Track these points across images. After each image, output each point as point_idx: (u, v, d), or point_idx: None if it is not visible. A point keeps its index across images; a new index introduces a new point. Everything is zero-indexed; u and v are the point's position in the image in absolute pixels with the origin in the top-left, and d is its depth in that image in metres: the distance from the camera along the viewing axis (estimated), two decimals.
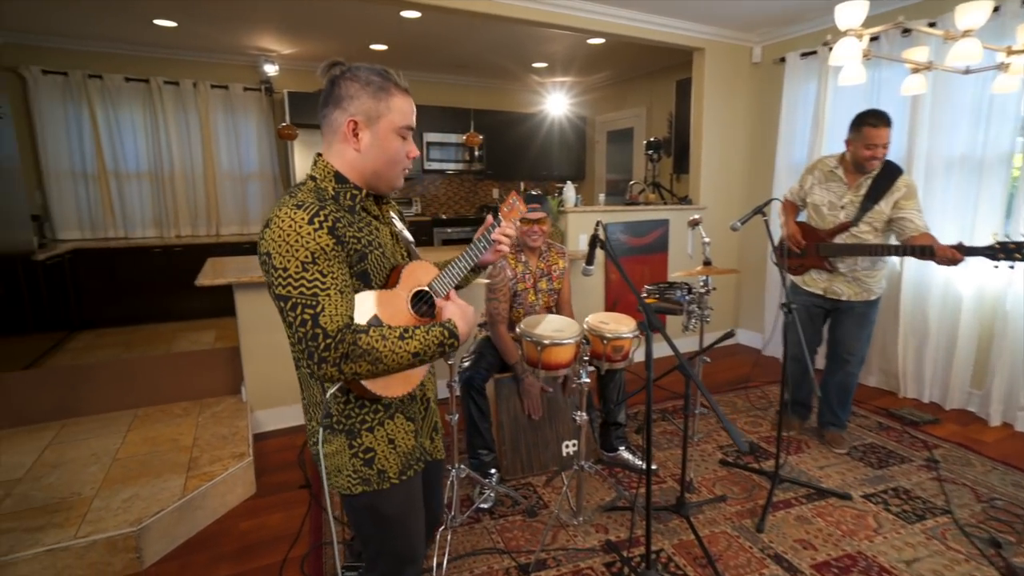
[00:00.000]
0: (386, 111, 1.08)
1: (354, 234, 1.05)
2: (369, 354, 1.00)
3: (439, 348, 1.08)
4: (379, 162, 1.10)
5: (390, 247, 1.17)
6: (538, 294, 2.63)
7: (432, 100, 6.05)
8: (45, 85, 4.65)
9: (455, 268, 1.23)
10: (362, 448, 1.13)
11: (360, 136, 1.08)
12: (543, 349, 1.97)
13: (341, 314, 1.00)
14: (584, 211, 3.94)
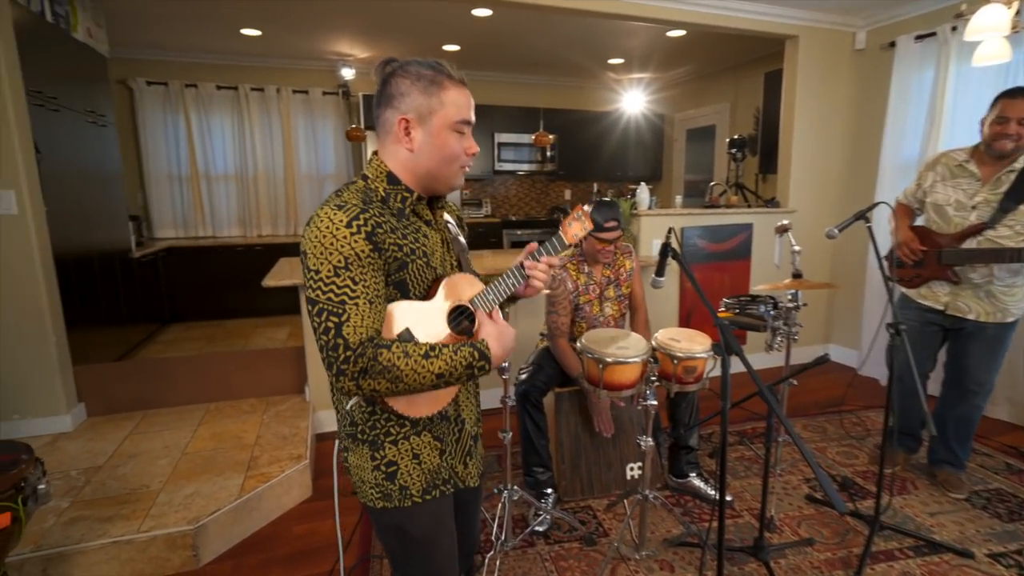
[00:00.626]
0: (439, 106, 1.00)
1: (396, 241, 0.98)
2: (389, 371, 0.92)
3: (467, 370, 0.98)
4: (434, 161, 1.02)
5: (438, 255, 1.09)
6: (605, 304, 2.45)
7: (503, 100, 5.97)
8: (149, 95, 5.01)
9: (501, 286, 1.11)
10: (384, 461, 1.06)
11: (412, 135, 1.01)
12: (605, 367, 1.80)
13: (366, 326, 0.93)
14: (659, 214, 3.69)
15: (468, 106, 1.03)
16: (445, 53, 5.09)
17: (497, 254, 3.83)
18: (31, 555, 1.86)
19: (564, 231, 1.15)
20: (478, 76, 5.94)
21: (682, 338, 1.95)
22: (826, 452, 2.82)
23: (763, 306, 2.10)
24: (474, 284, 1.10)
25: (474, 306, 1.08)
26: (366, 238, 0.93)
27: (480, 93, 5.87)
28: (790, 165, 4.02)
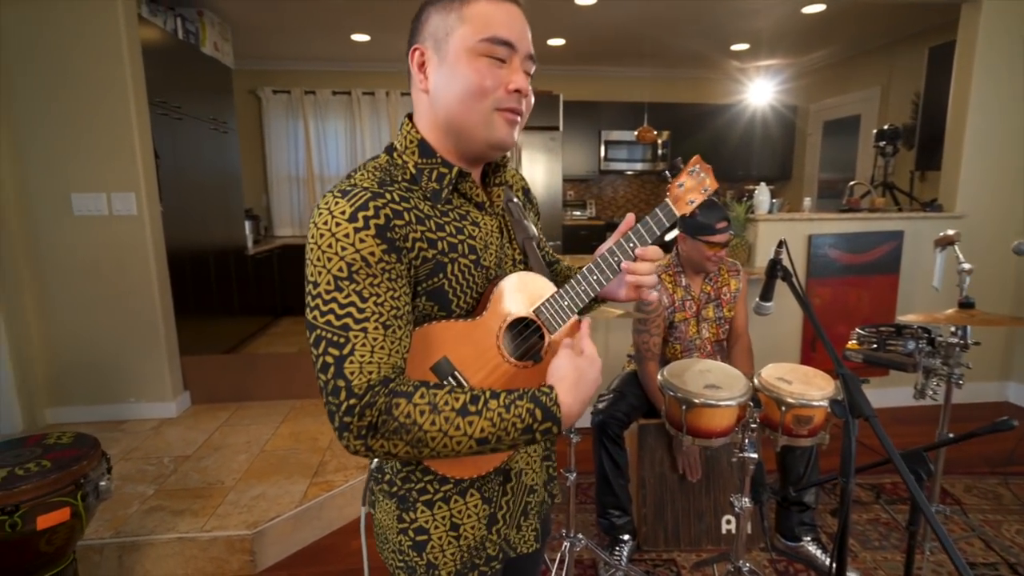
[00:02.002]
0: (456, 23, 0.72)
1: (427, 235, 0.72)
2: (407, 431, 0.66)
3: (524, 436, 0.70)
4: (456, 102, 0.73)
5: (494, 250, 0.80)
6: (702, 325, 2.09)
7: (610, 95, 5.62)
8: (274, 103, 5.38)
9: (579, 287, 0.81)
10: (413, 525, 0.81)
11: (428, 72, 0.74)
12: (690, 409, 1.47)
13: (378, 361, 0.67)
14: (781, 219, 3.18)
15: (504, 21, 0.72)
16: (550, 48, 4.88)
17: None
18: (110, 541, 1.94)
19: (673, 196, 0.85)
20: (584, 72, 5.66)
21: (795, 378, 1.55)
22: (1000, 529, 2.19)
23: (912, 341, 1.63)
24: (540, 286, 0.81)
25: (541, 318, 0.80)
26: (377, 235, 0.67)
27: (586, 89, 5.61)
28: (960, 160, 3.27)
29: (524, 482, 0.89)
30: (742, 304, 2.17)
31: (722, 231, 1.94)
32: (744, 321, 2.18)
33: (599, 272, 0.82)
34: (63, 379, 2.90)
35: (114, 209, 2.75)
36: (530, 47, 0.77)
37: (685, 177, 0.86)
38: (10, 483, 1.44)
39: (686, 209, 0.86)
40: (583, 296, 0.81)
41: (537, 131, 4.98)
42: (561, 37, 4.63)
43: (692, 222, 2.01)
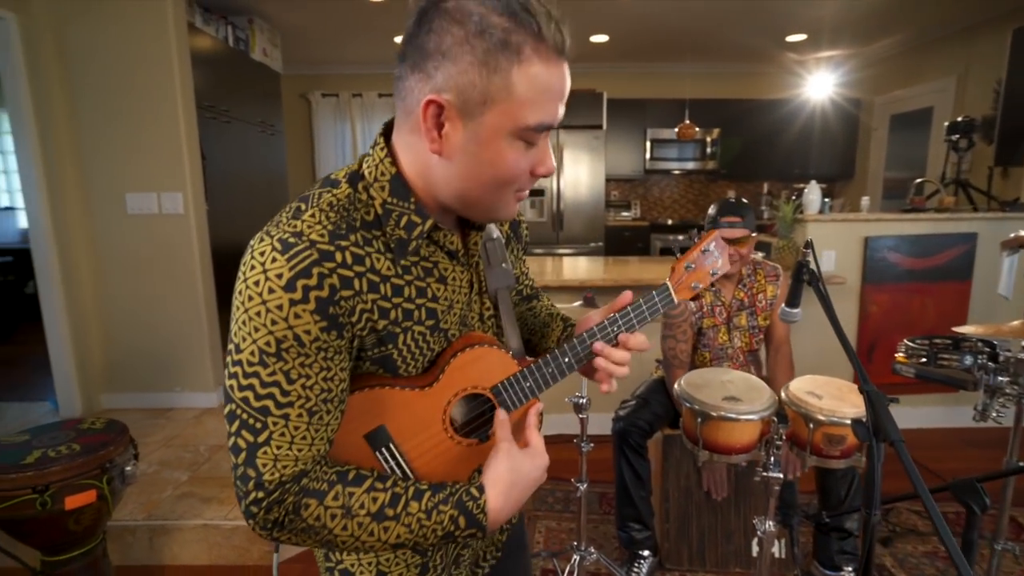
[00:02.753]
0: (502, 93, 0.56)
1: (379, 303, 0.62)
2: (316, 532, 0.60)
3: (444, 540, 0.64)
4: (473, 182, 0.61)
5: (459, 308, 0.71)
6: (733, 333, 1.97)
7: (656, 92, 5.43)
8: (323, 106, 5.55)
9: (547, 369, 0.73)
10: (339, 567, 0.76)
11: (447, 132, 0.59)
12: (706, 422, 1.37)
13: (295, 456, 0.59)
14: (833, 219, 2.96)
15: (556, 97, 0.59)
16: (593, 45, 4.78)
17: (644, 262, 3.42)
18: (143, 523, 2.03)
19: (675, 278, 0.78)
20: (628, 68, 5.52)
21: (827, 393, 1.41)
22: None
23: (969, 356, 1.45)
24: (502, 363, 0.72)
25: (498, 398, 0.72)
26: (317, 310, 0.56)
27: (630, 86, 5.47)
28: None
29: None
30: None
31: (727, 226, 1.82)
32: (784, 330, 2.03)
33: (572, 356, 0.74)
34: (117, 367, 3.07)
35: (163, 208, 2.90)
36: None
37: (696, 255, 0.79)
38: (42, 464, 1.52)
39: (687, 295, 0.79)
40: (548, 380, 0.74)
41: (580, 130, 4.90)
42: (604, 33, 4.52)
43: (708, 217, 1.91)
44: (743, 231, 1.86)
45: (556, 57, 0.58)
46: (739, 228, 1.85)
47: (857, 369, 0.99)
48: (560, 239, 5.09)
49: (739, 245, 1.87)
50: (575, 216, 5.05)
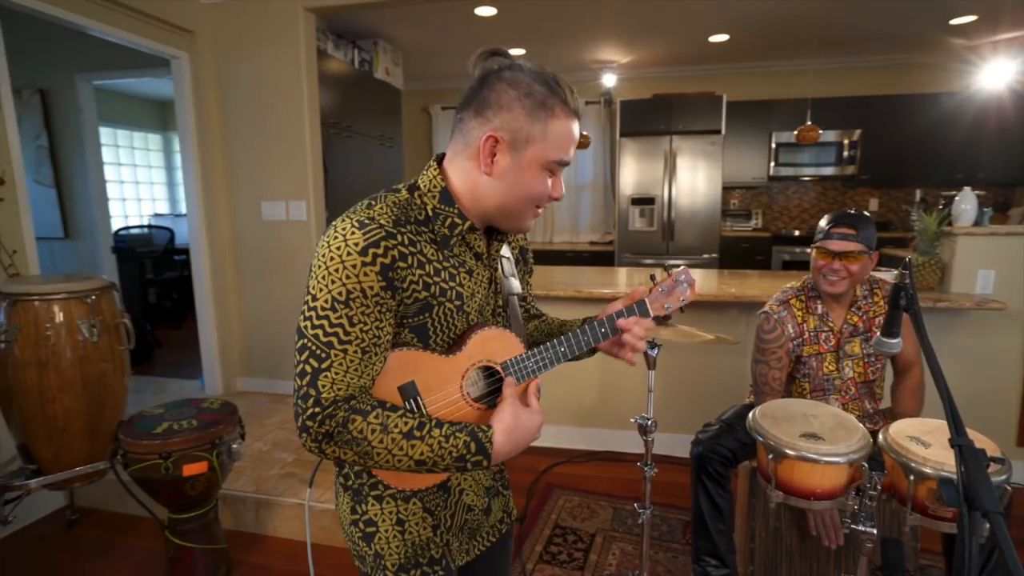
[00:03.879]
0: (540, 136, 0.80)
1: (424, 277, 0.80)
2: (358, 444, 0.75)
3: (457, 463, 0.79)
4: (511, 197, 0.83)
5: (478, 299, 0.89)
6: (844, 362, 1.74)
7: (782, 93, 4.98)
8: (442, 118, 5.86)
9: (549, 353, 0.91)
10: (364, 518, 0.89)
11: (497, 160, 0.81)
12: (777, 460, 1.22)
13: (348, 382, 0.76)
14: (993, 233, 2.50)
15: (572, 143, 0.84)
16: (711, 45, 4.53)
17: (764, 276, 3.17)
18: (252, 495, 2.28)
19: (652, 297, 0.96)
20: (751, 68, 5.13)
21: (937, 441, 1.19)
22: None
23: None
24: (510, 345, 0.89)
25: (506, 371, 0.88)
26: (381, 272, 0.75)
27: (753, 87, 5.07)
28: None
29: (464, 501, 0.95)
30: (909, 331, 1.76)
31: (836, 237, 1.61)
32: (913, 352, 1.76)
33: (567, 346, 0.92)
34: (251, 355, 3.50)
35: (290, 215, 3.25)
36: None
37: (669, 282, 0.97)
38: (168, 435, 1.77)
39: (660, 312, 0.96)
40: (547, 362, 0.90)
41: (694, 135, 4.66)
42: (724, 33, 4.26)
43: (819, 227, 1.71)
44: (853, 245, 1.64)
45: (574, 116, 0.83)
46: (850, 241, 1.64)
47: (949, 414, 0.83)
48: (670, 249, 4.87)
49: (848, 260, 1.65)
50: (687, 225, 4.81)
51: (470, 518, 0.97)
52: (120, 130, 5.65)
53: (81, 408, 1.85)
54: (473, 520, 0.97)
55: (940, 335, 2.53)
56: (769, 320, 1.77)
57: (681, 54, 4.85)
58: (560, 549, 2.14)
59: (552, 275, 3.20)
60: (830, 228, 1.67)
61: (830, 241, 1.66)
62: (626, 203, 4.89)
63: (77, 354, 1.83)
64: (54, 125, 3.69)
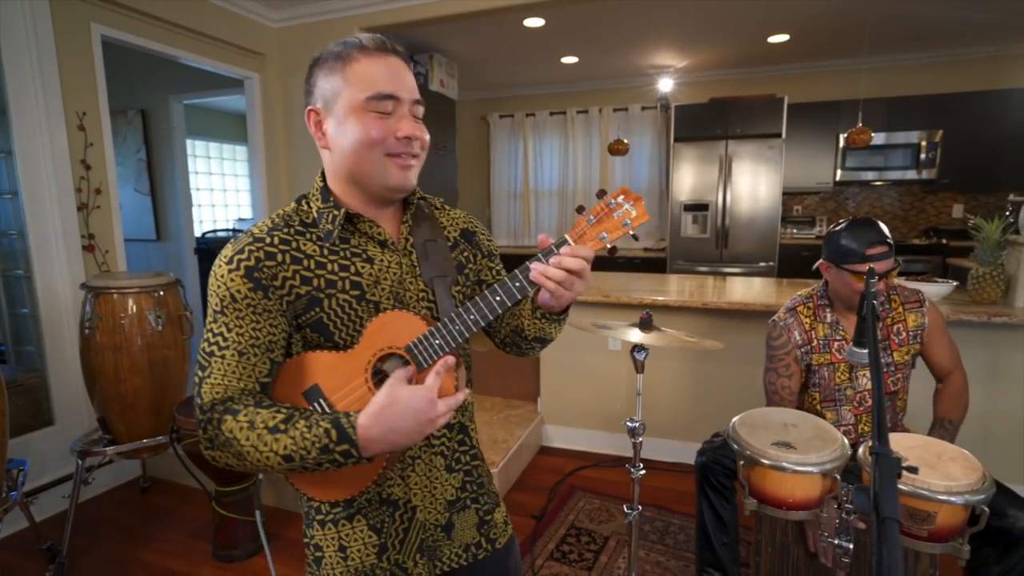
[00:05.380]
0: (342, 85, 0.80)
1: (301, 272, 0.81)
2: (230, 445, 0.74)
3: (323, 456, 0.72)
4: (352, 155, 0.81)
5: (387, 286, 0.85)
6: (858, 372, 1.68)
7: (848, 93, 4.69)
8: (500, 126, 6.01)
9: (457, 324, 0.79)
10: (312, 541, 0.90)
11: (325, 130, 0.83)
12: (748, 466, 1.22)
13: (226, 384, 0.77)
14: None
15: (385, 76, 0.80)
16: (770, 46, 4.37)
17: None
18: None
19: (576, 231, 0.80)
20: (816, 68, 4.87)
21: (916, 456, 1.14)
22: None
23: None
24: (412, 325, 0.80)
25: (411, 355, 0.80)
26: (245, 275, 0.77)
27: (818, 88, 4.82)
28: None
29: (417, 518, 0.89)
30: (939, 337, 1.67)
31: (877, 258, 1.54)
32: (948, 357, 1.68)
33: (476, 311, 0.79)
34: None
35: None
36: (413, 92, 0.84)
37: (602, 210, 0.79)
38: None
39: (594, 246, 0.80)
40: (456, 336, 0.79)
41: (750, 139, 4.51)
42: (784, 32, 4.10)
43: (836, 246, 1.63)
44: (892, 262, 1.58)
45: (376, 52, 0.81)
46: (888, 259, 1.58)
47: (875, 422, 0.82)
48: (724, 257, 4.74)
49: (887, 278, 1.60)
50: (743, 233, 4.65)
51: (426, 537, 0.90)
52: (211, 143, 6.25)
53: (147, 388, 2.13)
54: (431, 539, 0.91)
55: (997, 353, 2.33)
56: (776, 327, 1.74)
57: (740, 56, 4.71)
58: (572, 548, 2.19)
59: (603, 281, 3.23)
60: (867, 249, 1.58)
61: (865, 263, 1.58)
62: (679, 209, 4.81)
63: (145, 341, 2.10)
64: (152, 140, 4.19)
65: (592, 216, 0.79)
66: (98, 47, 2.60)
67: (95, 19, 2.59)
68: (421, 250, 0.89)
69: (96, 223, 2.61)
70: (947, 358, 1.69)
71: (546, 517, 2.41)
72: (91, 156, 2.58)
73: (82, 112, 2.54)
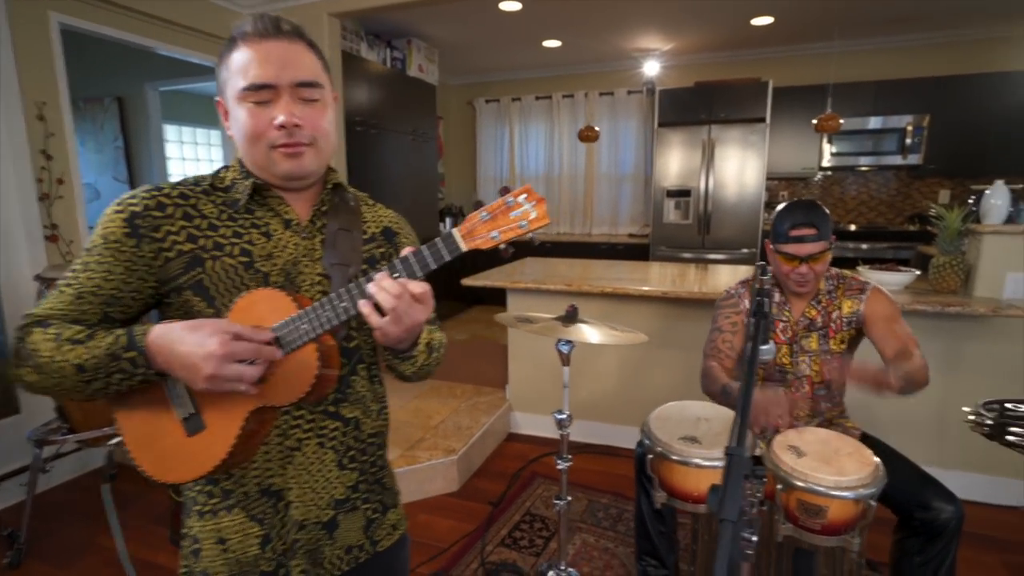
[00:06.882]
0: (227, 75, 0.80)
1: (189, 229, 0.80)
2: (31, 357, 0.73)
3: (112, 364, 0.71)
4: (242, 147, 0.83)
5: (282, 263, 0.83)
6: (799, 358, 1.67)
7: (835, 76, 4.58)
8: (486, 111, 5.96)
9: (322, 312, 0.75)
10: (190, 533, 0.88)
11: (230, 118, 0.83)
12: (657, 460, 1.23)
13: (48, 309, 0.76)
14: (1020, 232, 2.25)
15: (260, 64, 0.77)
16: (754, 29, 4.29)
17: None
18: None
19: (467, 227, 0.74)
20: (801, 51, 4.77)
21: (813, 451, 1.14)
22: None
23: None
24: (280, 306, 0.76)
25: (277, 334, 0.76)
26: (128, 219, 0.77)
27: (804, 71, 4.73)
28: None
29: (291, 515, 0.86)
30: (886, 327, 1.59)
31: (800, 240, 1.53)
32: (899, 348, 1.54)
33: (348, 299, 0.74)
34: None
35: None
36: (297, 75, 0.79)
37: (499, 208, 0.73)
38: None
39: (483, 244, 0.74)
40: (323, 323, 0.75)
41: (734, 124, 4.45)
42: (768, 15, 4.02)
43: (772, 226, 1.64)
44: (818, 245, 1.57)
45: (259, 39, 0.78)
46: (814, 242, 1.57)
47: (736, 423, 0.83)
48: (706, 243, 4.71)
49: (815, 261, 1.59)
50: (726, 218, 4.62)
51: (303, 536, 0.87)
52: (185, 127, 6.15)
53: None
54: (311, 540, 0.87)
55: (955, 343, 2.32)
56: (728, 295, 1.76)
57: (725, 39, 4.63)
58: (523, 535, 2.22)
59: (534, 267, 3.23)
60: (790, 230, 1.60)
61: (794, 245, 1.57)
62: (661, 195, 4.77)
63: None
64: (129, 128, 4.19)
65: (487, 212, 0.74)
66: (57, 36, 2.59)
67: (53, 8, 2.58)
68: (331, 237, 0.87)
69: (59, 213, 2.62)
70: (897, 349, 1.62)
71: (503, 503, 2.44)
72: (52, 146, 2.58)
73: (41, 102, 2.54)
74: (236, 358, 0.71)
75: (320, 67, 0.84)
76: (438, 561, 2.08)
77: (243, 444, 0.79)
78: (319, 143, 0.83)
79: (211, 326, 0.71)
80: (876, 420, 2.30)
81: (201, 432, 0.79)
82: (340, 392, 0.88)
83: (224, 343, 0.69)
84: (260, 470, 0.84)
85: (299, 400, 0.78)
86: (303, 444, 0.86)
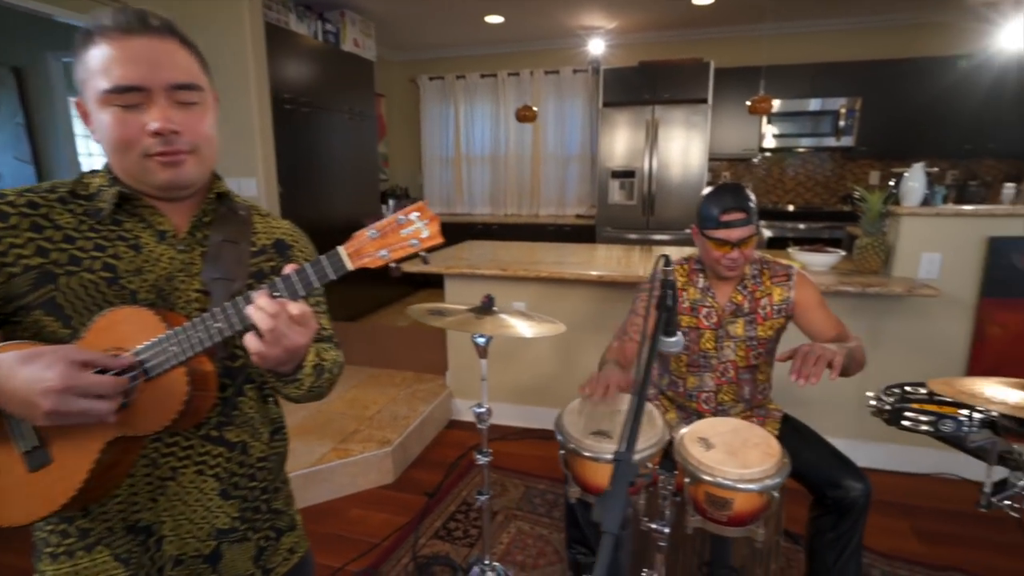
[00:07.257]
0: (86, 74, 0.72)
1: (38, 241, 0.71)
2: None
3: None
4: (108, 153, 0.74)
5: (154, 278, 0.76)
6: (723, 343, 1.67)
7: (775, 58, 4.65)
8: (430, 89, 5.78)
9: (194, 332, 0.69)
10: None
11: (90, 119, 0.75)
12: (568, 455, 1.20)
13: None
14: (939, 214, 2.33)
15: (126, 62, 0.69)
16: (695, 8, 4.27)
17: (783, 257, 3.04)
18: None
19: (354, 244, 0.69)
20: (742, 32, 4.81)
21: (722, 442, 1.14)
22: None
23: (950, 421, 1.07)
24: (148, 325, 0.70)
25: (142, 358, 0.70)
26: None
27: (744, 53, 4.77)
28: None
29: (165, 551, 0.79)
30: (815, 312, 1.62)
31: (730, 224, 1.52)
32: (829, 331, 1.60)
33: (224, 319, 0.69)
34: None
35: (241, 191, 3.30)
36: (172, 76, 0.72)
37: (389, 225, 0.69)
38: None
39: (371, 263, 0.69)
40: (194, 345, 0.69)
41: (677, 105, 4.46)
42: None
43: (699, 211, 1.62)
44: (748, 229, 1.56)
45: (123, 35, 0.70)
46: (743, 227, 1.55)
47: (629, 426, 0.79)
48: (650, 224, 4.74)
49: (744, 246, 1.58)
50: (670, 199, 4.65)
51: (180, 573, 0.81)
52: None
53: None
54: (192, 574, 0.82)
55: (877, 321, 2.40)
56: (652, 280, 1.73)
57: (667, 18, 4.61)
58: (458, 526, 2.18)
59: (474, 251, 3.17)
60: (720, 215, 1.57)
61: (725, 231, 1.55)
62: (606, 176, 4.76)
63: None
64: (30, 102, 3.83)
65: (376, 230, 0.69)
66: None
67: None
68: (214, 250, 0.80)
69: None
70: (828, 333, 1.63)
71: (439, 494, 2.40)
72: None
73: None
74: (81, 392, 0.62)
75: (198, 66, 0.78)
76: (368, 557, 2.02)
77: (99, 478, 0.72)
78: (202, 150, 0.77)
79: (50, 356, 0.62)
80: (799, 399, 2.37)
81: (47, 466, 0.71)
82: (224, 415, 0.83)
83: (64, 376, 0.61)
84: (125, 504, 0.77)
85: (166, 428, 0.71)
86: (178, 473, 0.79)
